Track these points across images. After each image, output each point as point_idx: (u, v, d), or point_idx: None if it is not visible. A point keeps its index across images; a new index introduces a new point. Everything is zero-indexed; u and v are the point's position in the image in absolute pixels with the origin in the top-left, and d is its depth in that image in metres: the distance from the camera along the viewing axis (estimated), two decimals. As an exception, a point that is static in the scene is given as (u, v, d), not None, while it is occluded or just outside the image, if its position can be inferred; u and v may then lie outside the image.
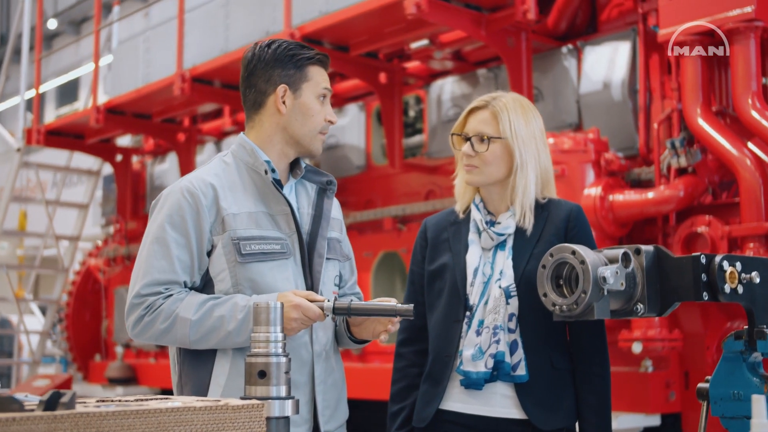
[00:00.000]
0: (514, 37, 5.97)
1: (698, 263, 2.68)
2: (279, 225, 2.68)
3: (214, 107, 8.70)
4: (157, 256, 2.58)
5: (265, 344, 2.11)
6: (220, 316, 2.53)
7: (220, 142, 9.00)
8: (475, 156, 2.95)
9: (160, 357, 9.12)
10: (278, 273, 2.63)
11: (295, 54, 2.70)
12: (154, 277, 2.56)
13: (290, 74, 2.69)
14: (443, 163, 6.90)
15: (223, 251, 2.60)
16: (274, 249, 2.63)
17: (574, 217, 2.95)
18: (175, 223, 2.60)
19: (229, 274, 2.60)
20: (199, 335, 2.54)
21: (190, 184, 2.65)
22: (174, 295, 2.56)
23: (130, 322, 2.58)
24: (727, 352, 2.77)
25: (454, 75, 6.92)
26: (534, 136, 2.96)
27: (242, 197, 2.67)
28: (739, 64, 4.88)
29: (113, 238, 10.04)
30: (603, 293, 2.67)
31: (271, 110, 2.73)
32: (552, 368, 2.86)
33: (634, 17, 5.84)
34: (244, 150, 2.75)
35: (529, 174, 2.93)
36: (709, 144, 4.96)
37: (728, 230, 4.76)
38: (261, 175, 2.70)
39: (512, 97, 3.00)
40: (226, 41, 7.57)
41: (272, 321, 2.12)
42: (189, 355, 2.65)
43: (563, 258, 2.72)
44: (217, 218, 2.62)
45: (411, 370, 3.05)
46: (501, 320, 2.83)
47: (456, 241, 3.00)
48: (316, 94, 2.70)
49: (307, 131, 2.71)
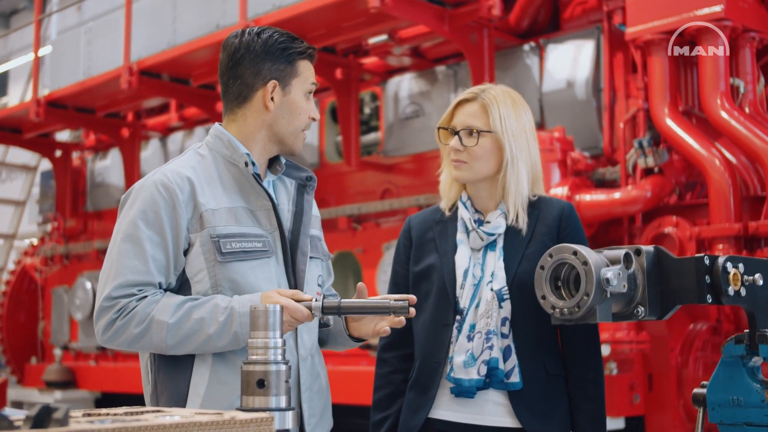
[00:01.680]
0: (477, 33, 5.86)
1: (702, 264, 2.58)
2: (259, 221, 2.50)
3: (159, 102, 8.45)
4: (129, 255, 2.38)
5: (263, 351, 1.94)
6: (199, 318, 2.35)
7: (165, 138, 8.75)
8: (463, 151, 2.80)
9: (101, 359, 8.83)
10: (260, 272, 2.46)
11: (287, 47, 2.51)
12: (127, 278, 2.36)
13: (280, 69, 2.50)
14: (400, 161, 6.78)
15: (201, 250, 2.42)
16: (255, 247, 2.46)
17: (566, 216, 2.83)
18: (149, 219, 2.40)
19: (208, 275, 2.42)
20: (177, 339, 2.36)
21: (164, 177, 2.45)
22: (148, 296, 2.37)
23: (99, 326, 2.37)
24: (727, 357, 2.68)
25: (412, 72, 6.79)
26: (524, 130, 2.83)
27: (220, 192, 2.49)
28: (707, 64, 4.84)
29: (51, 237, 9.72)
30: (606, 296, 2.55)
31: (258, 106, 2.54)
32: (546, 374, 2.73)
33: (598, 15, 5.78)
34: (221, 141, 2.57)
35: (521, 170, 2.80)
36: (677, 144, 4.91)
37: (697, 231, 4.70)
38: (239, 168, 2.52)
39: (502, 90, 2.86)
40: (173, 34, 7.34)
41: (271, 325, 1.95)
42: (164, 361, 2.46)
43: (563, 259, 2.59)
44: (194, 214, 2.43)
45: (395, 376, 2.89)
46: (494, 325, 2.69)
47: (443, 241, 2.85)
48: (304, 90, 2.53)
49: (292, 129, 2.53)
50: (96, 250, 9.11)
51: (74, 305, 8.96)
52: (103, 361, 8.80)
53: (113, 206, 9.23)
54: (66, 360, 9.14)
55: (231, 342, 2.36)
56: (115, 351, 8.68)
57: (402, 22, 5.89)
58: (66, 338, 9.28)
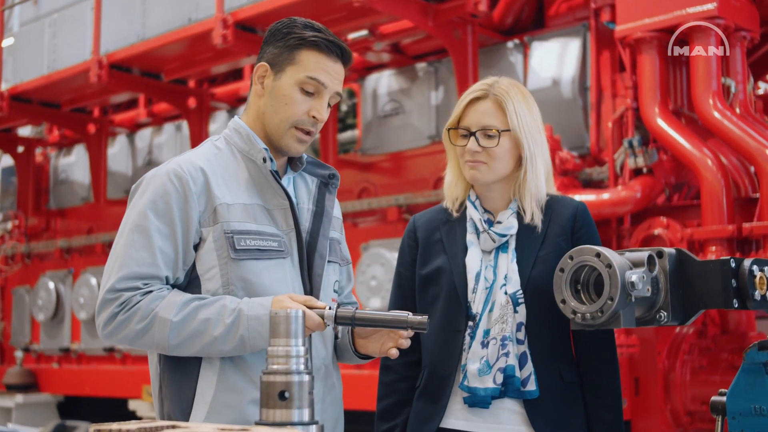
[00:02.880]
0: (461, 29, 5.74)
1: (728, 268, 2.47)
2: (276, 220, 2.36)
3: (127, 97, 8.22)
4: (136, 246, 2.24)
5: (284, 359, 1.80)
6: (205, 318, 2.21)
7: (132, 135, 8.53)
8: (481, 152, 2.65)
9: (64, 362, 8.58)
10: (275, 273, 2.32)
11: (290, 32, 2.36)
12: (132, 270, 2.22)
13: (276, 53, 2.36)
14: (378, 160, 6.64)
15: (214, 245, 2.28)
16: (271, 246, 2.32)
17: (581, 216, 2.70)
18: (159, 209, 2.26)
19: (220, 272, 2.28)
20: (180, 339, 2.21)
21: (177, 167, 2.31)
22: (154, 291, 2.23)
23: (101, 319, 2.23)
24: (749, 363, 2.56)
25: (391, 68, 6.65)
26: (538, 125, 2.70)
27: (236, 187, 2.35)
28: (699, 63, 4.75)
29: (11, 235, 9.44)
30: (630, 300, 2.44)
31: (254, 89, 2.43)
32: (561, 382, 2.61)
33: (584, 13, 5.68)
34: (239, 135, 2.42)
35: (539, 167, 2.67)
36: (668, 144, 4.82)
37: (690, 233, 4.62)
38: (257, 164, 2.38)
39: (509, 83, 2.70)
40: (143, 28, 7.14)
41: (293, 332, 1.81)
42: (170, 363, 2.31)
43: (586, 261, 2.47)
44: (207, 207, 2.29)
45: (401, 384, 2.75)
46: (509, 330, 2.55)
47: (451, 242, 2.71)
48: (298, 80, 2.33)
49: (278, 121, 2.36)
50: (59, 249, 8.86)
51: (36, 306, 8.72)
52: (66, 363, 8.56)
53: (77, 204, 9.00)
54: (27, 362, 8.88)
55: (237, 346, 2.21)
56: (79, 353, 8.43)
57: (385, 16, 5.75)
58: (27, 340, 9.02)
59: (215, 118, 7.73)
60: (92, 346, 8.30)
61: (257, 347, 2.22)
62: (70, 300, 8.44)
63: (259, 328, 2.19)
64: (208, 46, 6.50)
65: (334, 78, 2.38)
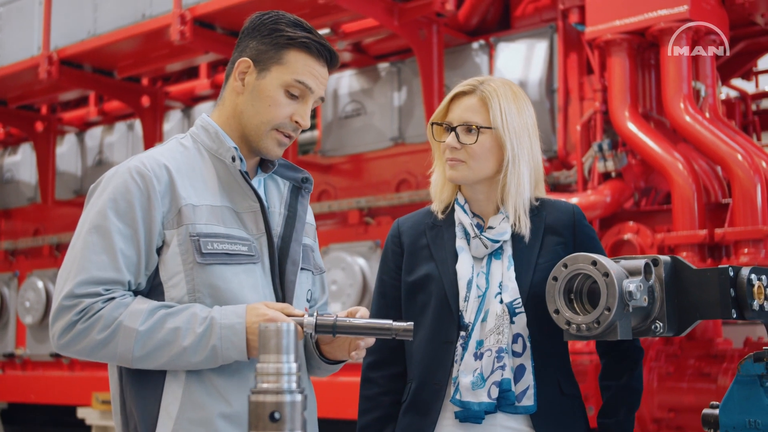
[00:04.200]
0: (426, 29, 5.62)
1: (726, 276, 2.38)
2: (245, 224, 2.21)
3: (76, 95, 7.97)
4: (95, 248, 2.07)
5: (275, 377, 1.65)
6: (174, 328, 2.05)
7: (82, 134, 8.27)
8: (460, 149, 2.52)
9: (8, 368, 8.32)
10: (245, 279, 2.16)
11: (278, 29, 2.20)
12: (92, 275, 2.05)
13: (262, 50, 2.20)
14: (338, 162, 6.49)
15: (178, 249, 2.11)
16: (240, 250, 2.17)
17: (578, 221, 2.59)
18: (120, 209, 2.10)
19: (185, 278, 2.11)
20: (146, 350, 2.04)
21: (140, 164, 2.15)
22: (117, 298, 2.06)
23: (57, 328, 2.05)
24: (743, 376, 2.48)
25: (352, 68, 6.51)
26: (527, 127, 2.58)
27: (202, 188, 2.19)
28: (670, 67, 4.69)
29: (-47, 236, 9.10)
30: (628, 310, 2.33)
31: (232, 85, 2.26)
32: (561, 395, 2.49)
33: (551, 14, 5.61)
34: (207, 133, 2.26)
35: (522, 170, 2.54)
36: (639, 148, 4.75)
37: (661, 238, 4.55)
38: (226, 164, 2.22)
39: (502, 81, 2.59)
40: (94, 23, 6.89)
41: (284, 348, 1.67)
42: (133, 377, 2.14)
43: (581, 269, 2.35)
44: (171, 208, 2.13)
45: (384, 398, 2.60)
46: (506, 342, 2.42)
47: (438, 248, 2.57)
48: (284, 82, 2.19)
49: (257, 122, 2.21)
50: (4, 251, 8.57)
51: (-23, 309, 8.41)
52: (10, 369, 8.27)
53: (23, 204, 8.72)
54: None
55: (208, 358, 2.06)
56: (24, 359, 8.15)
57: (349, 14, 5.61)
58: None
59: (169, 118, 7.53)
60: (38, 352, 8.03)
61: (230, 358, 2.07)
62: (15, 304, 8.16)
63: (233, 337, 2.05)
64: (164, 43, 6.30)
65: (320, 83, 2.25)
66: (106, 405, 6.97)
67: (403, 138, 6.16)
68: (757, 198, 4.34)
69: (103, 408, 7.00)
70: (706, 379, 4.66)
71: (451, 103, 2.58)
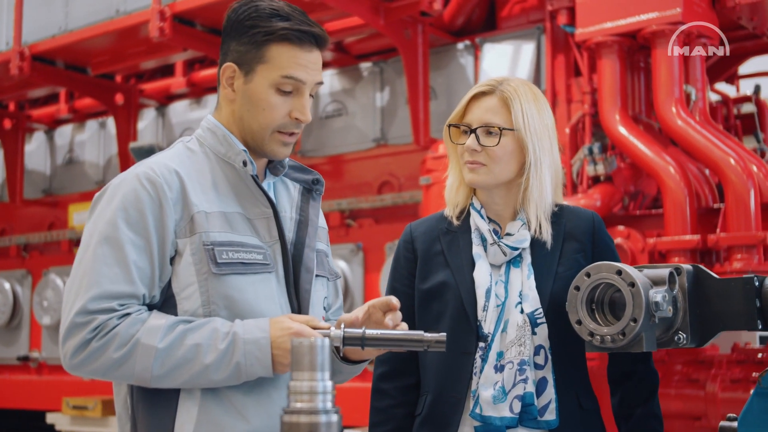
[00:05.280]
0: (411, 29, 5.53)
1: (751, 286, 2.32)
2: (258, 231, 2.11)
3: (46, 91, 7.76)
4: (107, 261, 1.95)
5: (309, 396, 1.55)
6: (195, 344, 1.94)
7: (52, 131, 8.06)
8: (480, 151, 2.44)
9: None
10: (261, 289, 2.07)
11: (255, 25, 2.08)
12: (105, 289, 1.94)
13: (241, 50, 2.09)
14: (319, 163, 6.37)
15: (192, 259, 2.01)
16: (255, 259, 2.07)
17: (598, 229, 2.52)
18: (132, 219, 1.99)
19: (199, 290, 2.01)
20: (166, 369, 1.94)
21: (150, 170, 2.04)
22: (132, 314, 1.95)
23: (69, 347, 1.93)
24: (764, 388, 2.42)
25: (334, 68, 6.39)
26: (548, 129, 2.50)
27: (213, 194, 2.09)
28: (662, 70, 4.63)
29: None
30: (654, 321, 2.26)
31: (224, 92, 2.16)
32: (580, 409, 2.42)
33: (538, 15, 5.53)
34: (214, 136, 2.16)
35: (545, 173, 2.46)
36: (629, 152, 4.69)
37: (653, 243, 4.49)
38: (235, 168, 2.12)
39: (521, 82, 2.52)
40: (65, 18, 6.71)
41: (319, 365, 1.57)
42: (144, 394, 2.02)
43: (605, 279, 2.28)
44: (184, 216, 2.03)
45: (397, 410, 2.51)
46: (528, 354, 2.34)
47: (454, 255, 2.48)
48: (272, 81, 2.08)
49: (257, 127, 2.11)
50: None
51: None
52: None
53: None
54: None
55: (231, 375, 1.95)
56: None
57: (334, 13, 5.50)
58: None
59: (143, 116, 7.35)
60: (4, 355, 7.82)
61: (254, 375, 1.96)
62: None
63: (257, 353, 1.94)
64: (141, 40, 6.15)
65: (312, 69, 2.12)
66: (77, 410, 6.80)
67: (385, 139, 6.06)
68: (750, 203, 4.29)
69: (74, 413, 6.83)
70: (694, 385, 4.60)
71: (470, 104, 2.50)
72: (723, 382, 4.51)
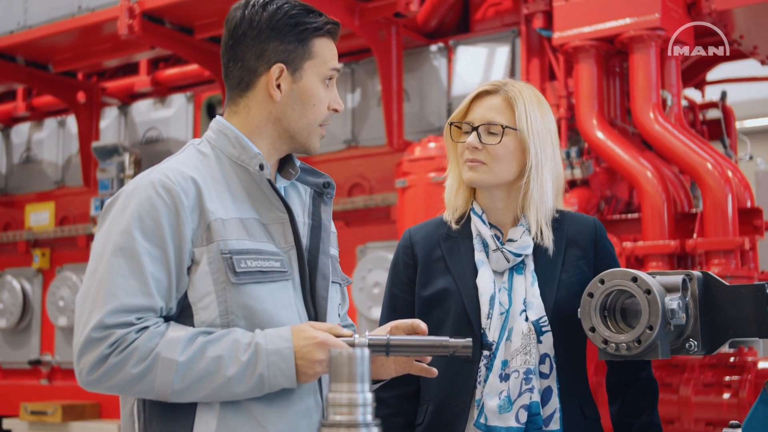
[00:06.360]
0: (385, 30, 5.49)
1: (763, 293, 2.32)
2: (273, 237, 2.05)
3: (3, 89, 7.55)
4: (123, 272, 1.88)
5: (348, 409, 1.52)
6: (216, 356, 1.87)
7: (8, 129, 7.85)
8: (481, 149, 2.41)
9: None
10: (279, 298, 2.01)
11: (299, 22, 2.07)
12: (122, 302, 1.86)
13: (290, 49, 2.06)
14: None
15: (209, 269, 1.94)
16: (273, 267, 2.01)
17: (600, 236, 2.51)
18: (147, 228, 1.91)
19: (217, 300, 1.94)
20: (187, 383, 1.86)
21: (165, 177, 1.96)
22: (150, 327, 1.88)
23: (86, 363, 1.85)
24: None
25: (303, 68, 6.31)
26: (550, 133, 2.48)
27: (228, 199, 2.02)
28: (639, 75, 4.65)
29: None
30: (669, 328, 2.24)
31: (262, 95, 2.09)
32: (583, 418, 2.39)
33: (513, 18, 5.53)
34: (226, 139, 2.09)
35: (546, 177, 2.43)
36: (607, 156, 4.70)
37: (631, 247, 4.50)
38: (249, 171, 2.06)
39: (525, 85, 2.50)
40: (24, 14, 6.54)
41: (359, 376, 1.53)
42: (158, 407, 1.94)
43: (620, 285, 2.25)
44: (200, 224, 1.96)
45: (396, 420, 2.46)
46: (533, 362, 2.31)
47: (455, 261, 2.44)
48: (322, 76, 2.10)
49: (305, 124, 2.09)
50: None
51: None
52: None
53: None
54: None
55: (254, 387, 1.88)
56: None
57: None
58: None
59: (105, 114, 7.20)
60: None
61: (277, 386, 1.90)
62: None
63: (281, 364, 1.88)
64: (106, 37, 6.01)
65: None
66: (35, 416, 6.63)
67: (356, 141, 6.00)
68: (728, 208, 4.32)
69: (32, 419, 6.66)
70: (668, 390, 4.62)
71: (473, 102, 2.48)
72: (696, 386, 4.53)
